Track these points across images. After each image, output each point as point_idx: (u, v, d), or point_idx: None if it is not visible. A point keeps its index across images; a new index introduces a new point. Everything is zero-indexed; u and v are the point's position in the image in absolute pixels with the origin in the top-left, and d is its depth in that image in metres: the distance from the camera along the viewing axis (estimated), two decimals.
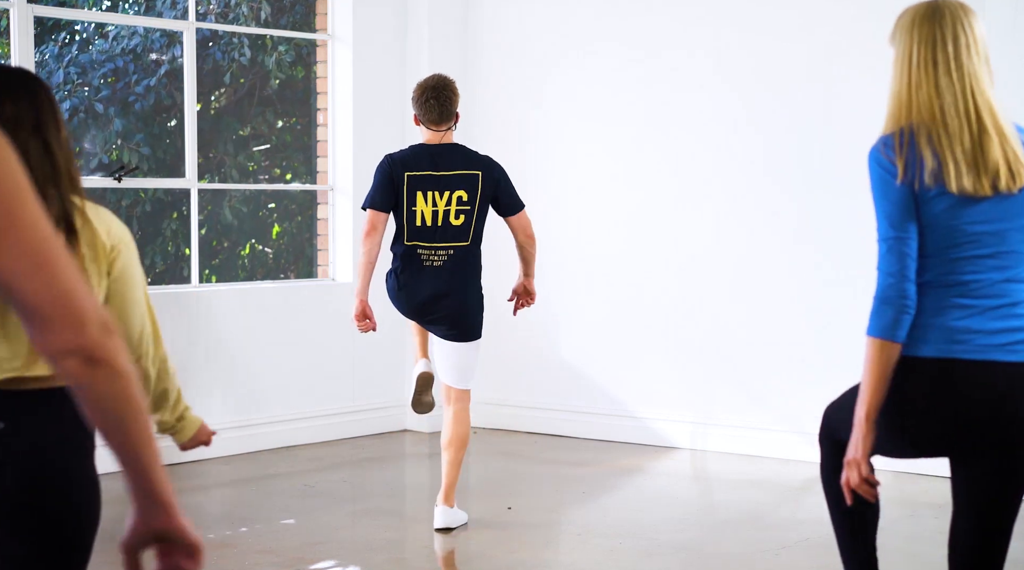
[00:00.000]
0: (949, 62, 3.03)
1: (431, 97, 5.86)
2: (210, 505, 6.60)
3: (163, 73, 9.68)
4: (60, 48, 9.64)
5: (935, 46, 3.04)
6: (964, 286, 3.03)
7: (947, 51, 3.04)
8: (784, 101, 7.50)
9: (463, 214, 5.81)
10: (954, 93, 3.02)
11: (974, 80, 3.05)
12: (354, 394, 8.26)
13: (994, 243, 3.03)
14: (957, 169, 2.99)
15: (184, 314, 7.46)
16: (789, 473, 7.12)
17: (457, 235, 5.81)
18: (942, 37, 3.04)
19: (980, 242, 3.03)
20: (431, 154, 5.85)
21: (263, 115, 10.18)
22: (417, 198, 5.79)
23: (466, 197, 5.80)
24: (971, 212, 3.02)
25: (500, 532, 5.98)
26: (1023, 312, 3.06)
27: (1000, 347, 3.02)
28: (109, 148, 9.43)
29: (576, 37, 8.27)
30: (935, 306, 3.04)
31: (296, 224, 10.43)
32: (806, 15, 7.48)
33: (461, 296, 5.81)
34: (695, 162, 7.85)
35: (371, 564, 5.49)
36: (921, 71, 3.04)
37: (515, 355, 8.38)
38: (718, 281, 7.76)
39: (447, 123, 5.88)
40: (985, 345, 3.01)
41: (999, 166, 3.01)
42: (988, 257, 3.03)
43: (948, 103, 3.02)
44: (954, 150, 3.00)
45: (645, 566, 5.39)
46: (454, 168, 5.83)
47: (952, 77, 3.03)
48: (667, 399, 7.95)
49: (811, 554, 5.54)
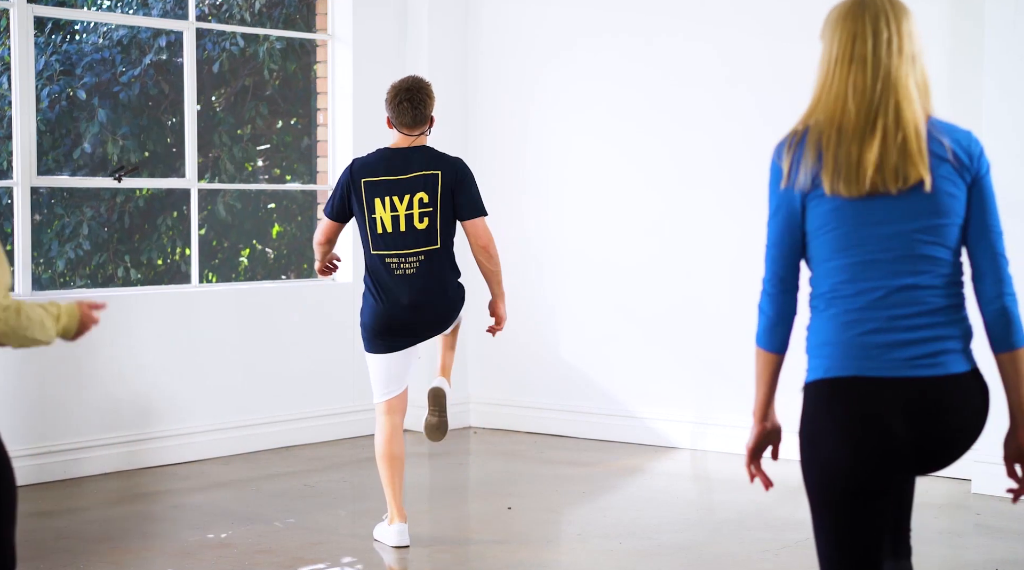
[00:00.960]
0: (866, 59, 2.88)
1: (404, 99, 5.52)
2: (210, 505, 6.60)
3: (148, 63, 9.64)
4: (47, 37, 9.60)
5: (854, 42, 2.90)
6: (868, 294, 2.86)
7: (866, 47, 2.89)
8: (788, 96, 7.50)
9: (426, 217, 5.49)
10: (863, 91, 2.87)
11: (891, 78, 2.88)
12: (354, 394, 8.26)
13: (898, 246, 2.85)
14: (836, 170, 2.83)
15: (184, 314, 7.46)
16: (789, 473, 7.09)
17: (425, 239, 5.50)
18: (862, 33, 2.90)
19: (882, 245, 2.85)
20: (392, 158, 5.55)
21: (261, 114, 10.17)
22: (375, 205, 5.50)
23: (427, 198, 5.48)
24: (868, 211, 2.84)
25: (500, 532, 5.98)
26: (937, 321, 2.86)
27: (912, 362, 2.83)
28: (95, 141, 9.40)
29: (576, 37, 8.27)
30: (840, 321, 2.90)
31: (296, 224, 10.43)
32: (812, 5, 7.48)
33: (439, 302, 5.56)
34: (695, 161, 7.85)
35: (371, 564, 5.48)
36: (837, 68, 2.91)
37: (515, 355, 8.38)
38: (718, 281, 7.76)
39: (420, 127, 5.56)
40: (898, 360, 2.83)
41: (877, 167, 2.82)
42: (892, 261, 2.85)
43: (854, 102, 2.87)
44: (839, 151, 2.84)
45: (645, 566, 5.39)
46: (413, 170, 5.52)
47: (867, 74, 2.88)
48: (667, 399, 7.95)
49: (811, 554, 5.54)
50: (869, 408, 2.84)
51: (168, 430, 7.34)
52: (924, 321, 2.85)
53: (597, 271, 8.22)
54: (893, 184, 2.83)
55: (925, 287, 2.85)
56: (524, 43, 8.49)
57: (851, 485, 2.87)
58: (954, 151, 2.87)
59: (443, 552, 5.66)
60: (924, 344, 2.84)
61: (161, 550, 5.60)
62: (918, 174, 2.82)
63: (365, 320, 5.61)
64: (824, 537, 2.95)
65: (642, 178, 8.06)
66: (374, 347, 5.63)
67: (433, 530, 6.04)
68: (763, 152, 7.64)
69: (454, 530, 6.10)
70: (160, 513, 6.17)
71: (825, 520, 2.94)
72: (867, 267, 2.87)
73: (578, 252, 8.28)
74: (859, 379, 2.85)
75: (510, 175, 8.42)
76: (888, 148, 2.84)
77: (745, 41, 7.65)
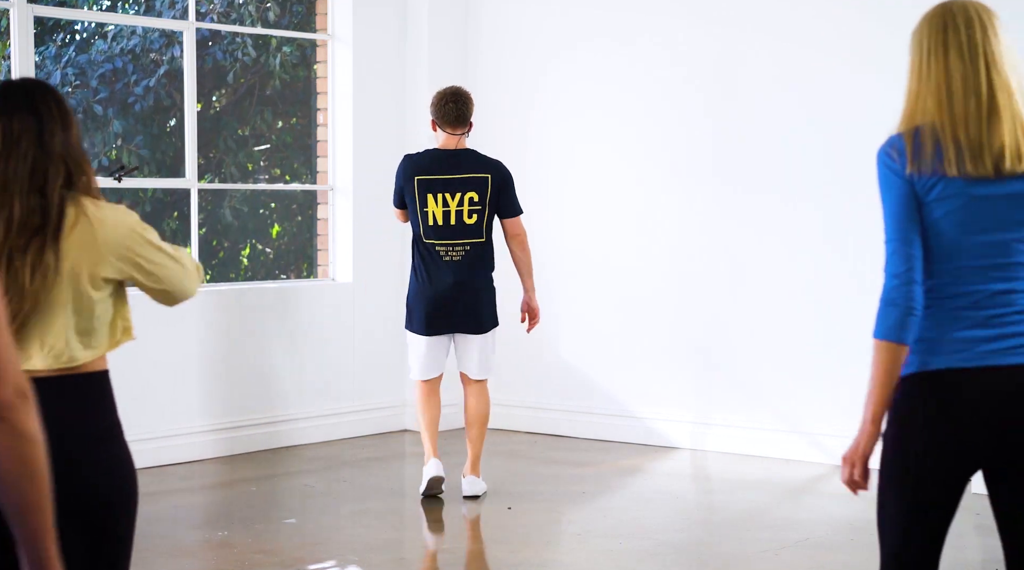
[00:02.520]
0: (962, 45, 2.95)
1: (451, 101, 6.32)
2: (210, 505, 6.60)
3: (162, 73, 9.67)
4: (58, 49, 9.63)
5: (946, 31, 2.97)
6: (964, 297, 2.98)
7: (959, 35, 2.95)
8: (790, 99, 7.50)
9: (475, 213, 6.31)
10: (964, 73, 2.93)
11: (990, 59, 2.94)
12: (354, 394, 8.26)
13: (995, 254, 2.98)
14: (958, 152, 2.91)
15: (184, 314, 7.45)
16: (789, 473, 7.12)
17: (473, 232, 6.32)
18: (954, 23, 2.97)
19: (981, 253, 2.97)
20: (443, 158, 6.34)
21: (263, 115, 10.18)
22: (428, 200, 6.29)
23: (477, 198, 6.30)
24: (971, 221, 2.95)
25: (500, 532, 5.98)
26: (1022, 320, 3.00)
27: (1001, 352, 2.96)
28: (109, 150, 9.42)
29: (576, 37, 8.27)
30: (936, 319, 2.99)
31: (296, 224, 10.43)
32: (815, 13, 7.47)
33: (478, 286, 6.35)
34: (695, 162, 7.85)
35: (371, 564, 5.49)
36: (932, 58, 2.97)
37: (515, 355, 8.38)
38: (718, 281, 7.76)
39: (463, 127, 6.36)
40: (986, 352, 2.95)
41: (1004, 148, 2.91)
42: (989, 268, 2.97)
43: (957, 85, 2.93)
44: (956, 133, 2.92)
45: (645, 566, 5.39)
46: (465, 171, 6.32)
47: (965, 59, 2.94)
48: (667, 399, 7.94)
49: (811, 554, 5.54)
50: (960, 397, 2.95)
51: (168, 430, 7.34)
52: (1017, 319, 2.98)
53: (597, 271, 8.21)
54: (1019, 164, 2.94)
55: (1020, 292, 3.00)
56: (524, 43, 8.48)
57: (934, 476, 2.98)
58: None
59: (443, 552, 5.66)
60: (1015, 338, 2.97)
61: (161, 550, 5.60)
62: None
63: (411, 301, 6.43)
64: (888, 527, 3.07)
65: (642, 178, 8.06)
66: (416, 327, 6.42)
67: (433, 530, 6.04)
68: (763, 153, 7.64)
69: (454, 530, 6.10)
70: (160, 513, 6.17)
71: (899, 510, 3.04)
72: (968, 272, 2.98)
73: (578, 252, 8.28)
74: (952, 371, 2.96)
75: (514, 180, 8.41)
76: (1017, 132, 2.94)
77: (746, 43, 7.65)
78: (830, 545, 5.69)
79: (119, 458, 2.93)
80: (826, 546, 5.67)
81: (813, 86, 7.40)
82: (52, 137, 2.86)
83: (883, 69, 6.78)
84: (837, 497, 6.52)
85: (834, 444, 7.19)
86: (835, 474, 7.07)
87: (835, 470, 7.13)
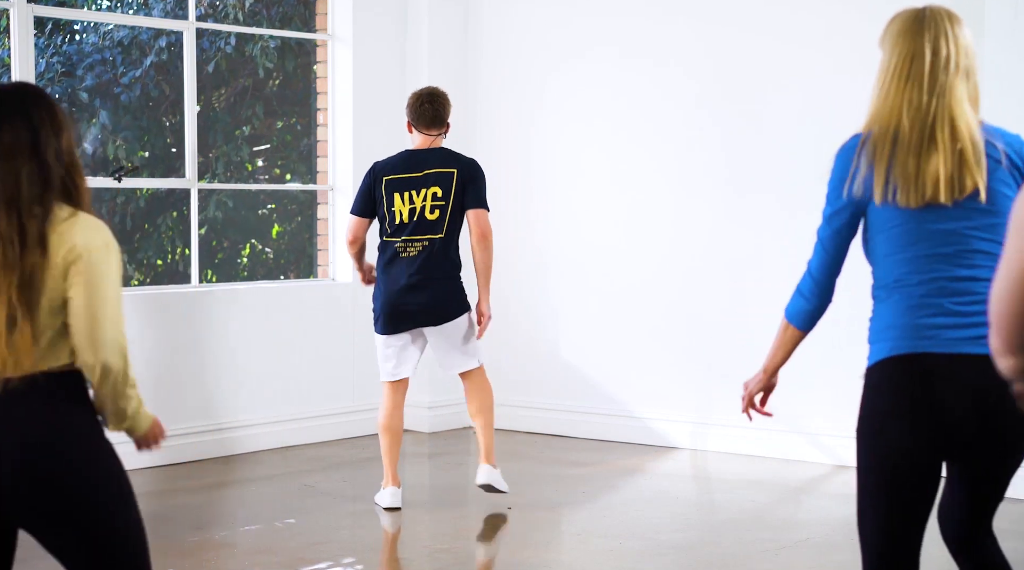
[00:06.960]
0: (923, 77, 3.07)
1: (427, 101, 6.19)
2: (210, 505, 6.60)
3: (149, 65, 9.64)
4: (47, 38, 9.60)
5: (913, 60, 3.08)
6: (929, 284, 3.07)
7: (923, 66, 3.07)
8: (788, 102, 7.50)
9: (437, 209, 6.11)
10: (919, 107, 3.06)
11: (946, 94, 3.07)
12: (354, 394, 8.26)
13: (957, 241, 3.06)
14: (888, 182, 3.05)
15: (184, 314, 7.46)
16: (789, 473, 7.12)
17: (432, 228, 6.11)
18: (921, 51, 3.08)
19: (943, 240, 3.06)
20: (411, 158, 6.19)
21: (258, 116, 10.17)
22: (395, 199, 6.13)
23: (440, 193, 6.11)
24: (927, 213, 3.06)
25: (500, 532, 5.98)
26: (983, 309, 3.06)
27: (966, 340, 3.03)
28: (95, 141, 9.41)
29: (576, 38, 8.27)
30: (902, 306, 3.09)
31: (296, 224, 10.43)
32: (818, 19, 7.48)
33: (435, 277, 6.12)
34: (695, 163, 7.85)
35: (371, 564, 5.49)
36: (893, 82, 3.10)
37: (515, 355, 8.38)
38: (718, 281, 7.76)
39: (438, 128, 6.22)
40: (953, 339, 3.03)
41: (938, 180, 3.03)
42: (951, 255, 3.06)
43: (908, 117, 3.06)
44: (893, 163, 3.05)
45: (645, 566, 5.39)
46: (430, 167, 6.15)
47: (923, 91, 3.07)
48: (667, 399, 7.95)
49: (811, 554, 5.55)
50: (929, 382, 3.03)
51: (167, 430, 7.32)
52: (979, 309, 3.03)
53: (597, 272, 8.21)
54: (949, 195, 3.04)
55: (981, 279, 3.05)
56: (524, 43, 8.48)
57: (907, 460, 3.04)
58: (1007, 154, 3.12)
59: (443, 552, 5.66)
60: (979, 328, 3.02)
61: (161, 550, 5.59)
62: (974, 182, 3.05)
63: (373, 301, 6.26)
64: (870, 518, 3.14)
65: (642, 180, 8.06)
66: (379, 327, 6.23)
67: (433, 530, 6.05)
68: (762, 155, 7.65)
69: (454, 530, 6.10)
70: (160, 513, 6.17)
71: (874, 499, 3.11)
72: (929, 260, 3.07)
73: (578, 253, 8.28)
74: (921, 355, 3.05)
75: (510, 176, 8.41)
76: (947, 160, 3.04)
77: (750, 53, 7.65)
78: (830, 545, 5.69)
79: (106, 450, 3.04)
80: (826, 546, 5.67)
81: (818, 89, 7.40)
82: (46, 147, 2.85)
83: None
84: (837, 497, 6.52)
85: (834, 444, 7.20)
86: (835, 474, 7.08)
87: (835, 470, 7.14)
